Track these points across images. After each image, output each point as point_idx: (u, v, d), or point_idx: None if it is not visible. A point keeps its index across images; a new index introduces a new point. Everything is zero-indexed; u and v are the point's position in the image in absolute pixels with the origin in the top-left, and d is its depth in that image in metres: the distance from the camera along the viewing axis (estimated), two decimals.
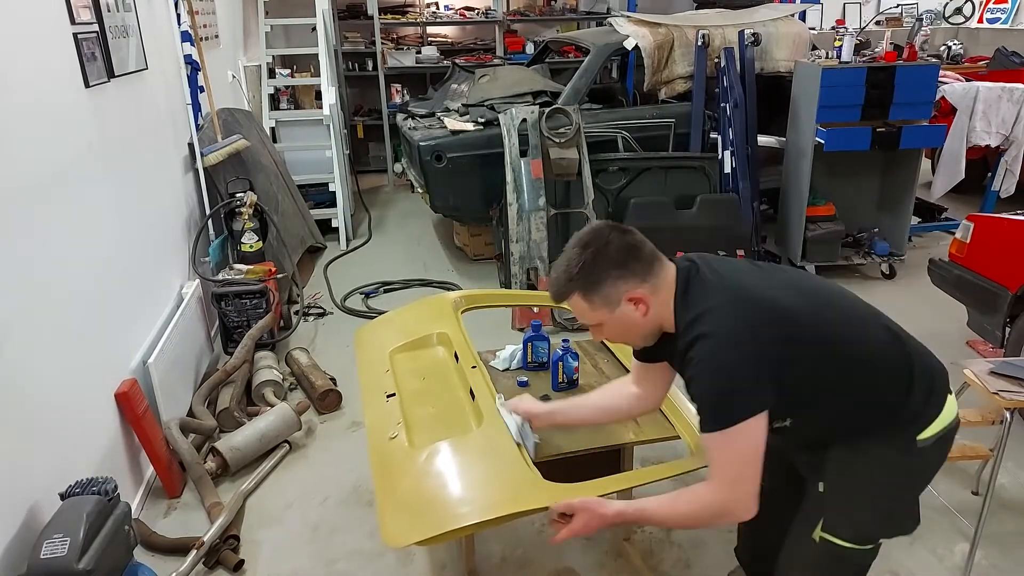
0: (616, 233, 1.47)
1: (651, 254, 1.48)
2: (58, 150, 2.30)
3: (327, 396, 3.20)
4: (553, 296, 1.51)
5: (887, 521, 1.55)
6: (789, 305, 1.43)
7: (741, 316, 1.38)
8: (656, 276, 1.46)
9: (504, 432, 1.78)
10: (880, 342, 1.48)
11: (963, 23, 7.25)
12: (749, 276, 1.50)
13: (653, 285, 1.45)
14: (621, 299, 1.44)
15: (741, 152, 4.29)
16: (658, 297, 1.46)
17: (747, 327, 1.37)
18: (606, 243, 1.44)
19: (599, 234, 1.46)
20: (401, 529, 1.58)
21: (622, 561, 2.32)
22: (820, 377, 1.44)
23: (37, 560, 1.71)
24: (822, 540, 1.53)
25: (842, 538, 1.51)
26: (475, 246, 4.96)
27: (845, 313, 1.50)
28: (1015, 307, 2.97)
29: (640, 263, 1.45)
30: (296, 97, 6.25)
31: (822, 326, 1.44)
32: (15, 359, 1.94)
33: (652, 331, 1.50)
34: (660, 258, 1.49)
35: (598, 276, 1.43)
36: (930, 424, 1.48)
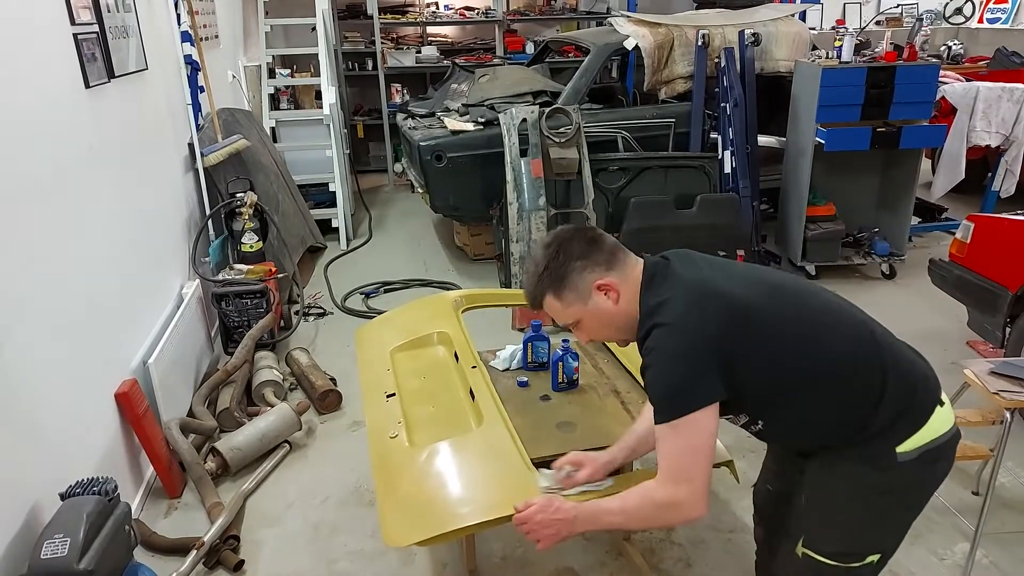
0: (576, 231, 1.51)
1: (613, 246, 1.50)
2: (58, 151, 2.30)
3: (327, 396, 3.20)
4: (529, 303, 1.53)
5: (868, 539, 1.46)
6: (750, 300, 1.40)
7: (696, 307, 1.37)
8: (621, 265, 1.48)
9: (504, 432, 1.79)
10: (850, 348, 1.41)
11: (963, 23, 7.25)
12: (716, 271, 1.47)
13: (620, 274, 1.47)
14: (591, 289, 1.46)
15: (741, 152, 4.29)
16: (626, 287, 1.47)
17: (700, 317, 1.36)
18: (567, 239, 1.48)
19: (559, 234, 1.51)
20: (402, 529, 1.58)
21: (622, 560, 2.32)
22: (781, 377, 1.40)
23: (37, 560, 1.72)
24: (804, 555, 1.49)
25: (822, 555, 1.46)
26: (475, 246, 4.96)
27: (815, 315, 1.44)
28: (1015, 307, 2.97)
29: (602, 253, 1.47)
30: (296, 97, 6.25)
31: (786, 325, 1.40)
32: (15, 359, 1.94)
33: (628, 322, 1.48)
34: (624, 251, 1.51)
35: (564, 270, 1.46)
36: (909, 437, 1.39)
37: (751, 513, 2.53)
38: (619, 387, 2.14)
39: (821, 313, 1.45)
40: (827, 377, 1.40)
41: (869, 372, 1.40)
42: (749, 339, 1.37)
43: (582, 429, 1.93)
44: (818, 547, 1.47)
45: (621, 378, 2.19)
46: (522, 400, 2.09)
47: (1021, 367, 2.18)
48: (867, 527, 1.45)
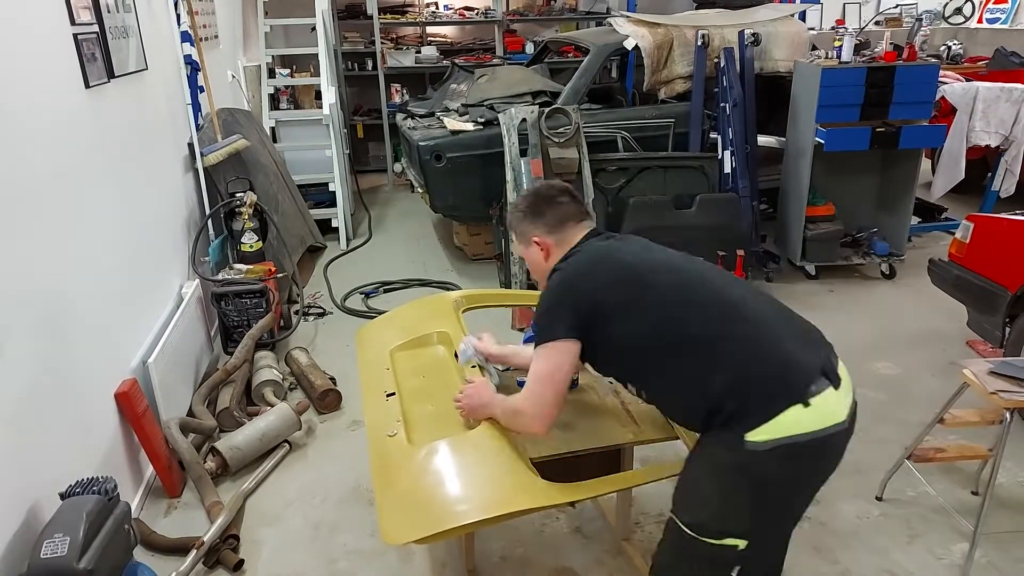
0: (548, 191, 1.85)
1: (567, 216, 1.79)
2: (58, 151, 2.30)
3: (327, 396, 3.20)
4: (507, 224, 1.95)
5: (722, 519, 1.50)
6: (643, 273, 1.62)
7: (589, 264, 1.67)
8: (563, 232, 1.79)
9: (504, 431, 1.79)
10: (712, 329, 1.53)
11: (963, 23, 7.25)
12: (629, 246, 1.73)
13: (558, 237, 1.78)
14: (530, 240, 1.82)
15: (740, 152, 4.29)
16: (557, 249, 1.78)
17: (588, 272, 1.65)
18: (534, 196, 1.85)
19: (538, 189, 1.89)
20: (401, 527, 1.58)
21: (621, 560, 2.33)
22: (646, 340, 1.57)
23: (37, 559, 1.72)
24: (670, 520, 1.60)
25: (681, 522, 1.55)
26: (475, 246, 4.96)
27: (693, 294, 1.60)
28: (1015, 307, 2.97)
29: (552, 218, 1.79)
30: (296, 97, 6.25)
31: (663, 295, 1.59)
32: (16, 359, 1.94)
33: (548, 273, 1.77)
34: (577, 223, 1.80)
35: (521, 219, 1.84)
36: (758, 427, 1.42)
37: None
38: (619, 387, 2.14)
39: (702, 294, 1.60)
40: (688, 353, 1.54)
41: (725, 354, 1.50)
42: (624, 299, 1.59)
43: (581, 429, 1.93)
44: (678, 514, 1.57)
45: None
46: None
47: (1020, 367, 2.18)
48: (721, 507, 1.51)
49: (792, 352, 1.51)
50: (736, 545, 1.49)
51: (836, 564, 2.30)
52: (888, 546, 2.37)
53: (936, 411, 2.38)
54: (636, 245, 1.74)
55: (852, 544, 2.38)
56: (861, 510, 2.54)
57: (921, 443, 2.45)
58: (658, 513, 2.53)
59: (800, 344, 1.55)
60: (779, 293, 4.35)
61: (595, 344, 1.63)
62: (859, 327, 3.91)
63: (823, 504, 2.56)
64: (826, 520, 2.49)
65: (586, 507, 2.56)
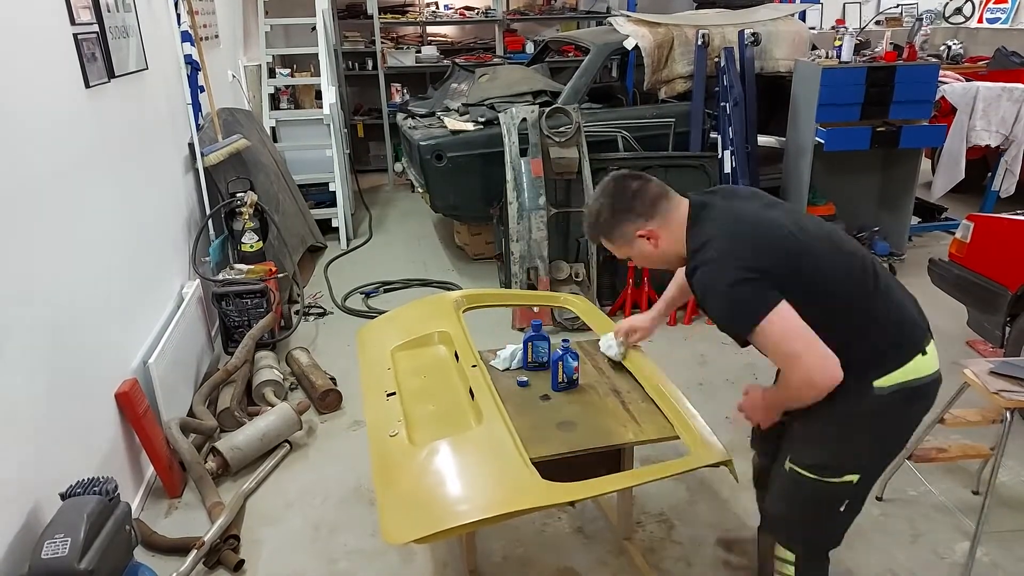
0: (622, 181, 1.74)
1: (656, 196, 1.71)
2: (58, 150, 2.30)
3: (327, 396, 3.20)
4: (589, 238, 1.87)
5: (840, 457, 1.66)
6: (796, 235, 1.59)
7: (731, 241, 1.58)
8: (664, 213, 1.70)
9: (504, 431, 1.79)
10: (854, 280, 1.60)
11: (963, 23, 7.25)
12: (755, 201, 1.70)
13: (661, 220, 1.70)
14: (633, 236, 1.72)
15: (741, 151, 4.29)
16: (669, 230, 1.70)
17: (747, 236, 1.58)
18: (611, 196, 1.73)
19: (606, 186, 1.75)
20: (402, 527, 1.58)
21: (623, 559, 2.33)
22: (810, 303, 1.54)
23: (38, 560, 1.72)
24: (790, 469, 1.72)
25: (803, 467, 1.68)
26: (475, 245, 4.96)
27: (832, 247, 1.63)
28: (1015, 307, 2.97)
29: (644, 205, 1.70)
30: (296, 97, 6.25)
31: (824, 265, 1.59)
32: (16, 359, 1.94)
33: (671, 258, 1.74)
34: (667, 198, 1.71)
35: (611, 222, 1.73)
36: (888, 373, 1.58)
37: (751, 513, 2.54)
38: (619, 387, 2.14)
39: (839, 244, 1.65)
40: (826, 298, 1.57)
41: (867, 304, 1.60)
42: (776, 256, 1.56)
43: (582, 429, 1.93)
44: (800, 460, 1.69)
45: (621, 378, 2.19)
46: (522, 400, 2.09)
47: (1021, 367, 2.18)
48: (843, 447, 1.66)
49: (911, 306, 1.67)
50: (852, 480, 1.66)
51: (839, 564, 2.29)
52: (891, 545, 2.37)
53: (937, 411, 2.38)
54: (757, 202, 1.71)
55: (855, 544, 2.38)
56: (862, 510, 2.53)
57: (922, 443, 2.45)
58: (659, 512, 2.53)
59: (909, 297, 1.69)
60: None
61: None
62: None
63: None
64: None
65: (587, 507, 2.56)
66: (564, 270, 4.12)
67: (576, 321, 3.83)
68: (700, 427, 1.85)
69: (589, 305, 2.61)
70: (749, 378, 3.42)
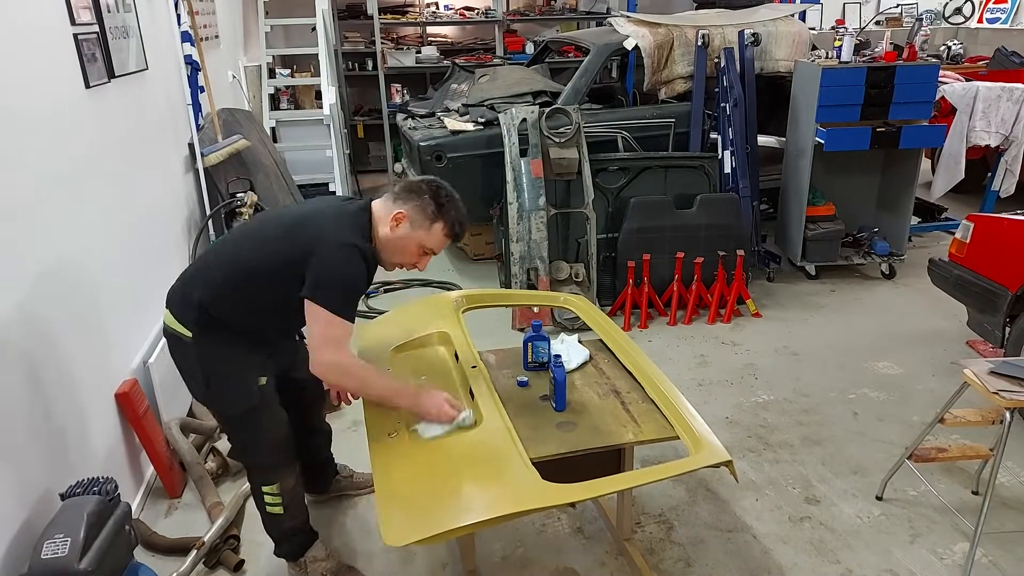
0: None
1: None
2: (59, 151, 2.30)
3: (327, 396, 3.19)
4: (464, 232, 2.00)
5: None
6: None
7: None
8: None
9: (504, 432, 1.79)
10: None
11: (963, 23, 7.25)
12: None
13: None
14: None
15: (741, 152, 4.30)
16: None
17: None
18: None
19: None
20: (401, 528, 1.58)
21: (623, 560, 2.33)
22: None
23: (38, 560, 1.72)
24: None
25: None
26: (475, 246, 4.96)
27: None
28: (1015, 307, 2.97)
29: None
30: (296, 97, 6.25)
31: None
32: (15, 359, 1.94)
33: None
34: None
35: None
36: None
37: (751, 513, 2.54)
38: (619, 387, 2.14)
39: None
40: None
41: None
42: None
43: (582, 429, 1.93)
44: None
45: (621, 378, 2.19)
46: (522, 400, 2.09)
47: (1021, 367, 2.18)
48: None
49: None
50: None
51: (837, 564, 2.30)
52: (890, 546, 2.37)
53: (936, 411, 2.38)
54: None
55: (853, 544, 2.38)
56: (862, 510, 2.54)
57: (922, 443, 2.45)
58: (658, 513, 2.53)
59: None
60: (780, 293, 4.35)
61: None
62: (859, 327, 3.91)
63: (824, 504, 2.56)
64: (827, 520, 2.49)
65: (587, 507, 2.56)
66: (564, 270, 4.12)
67: (576, 321, 3.83)
68: (700, 427, 1.85)
69: (589, 305, 2.61)
70: (749, 378, 3.43)
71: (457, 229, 1.93)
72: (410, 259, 1.94)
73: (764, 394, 3.29)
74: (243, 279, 1.87)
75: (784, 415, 3.12)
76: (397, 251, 1.91)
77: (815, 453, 2.86)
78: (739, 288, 4.07)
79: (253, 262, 1.86)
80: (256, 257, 1.87)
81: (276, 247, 1.84)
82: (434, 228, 1.89)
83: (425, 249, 1.93)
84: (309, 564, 2.23)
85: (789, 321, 3.97)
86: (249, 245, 1.92)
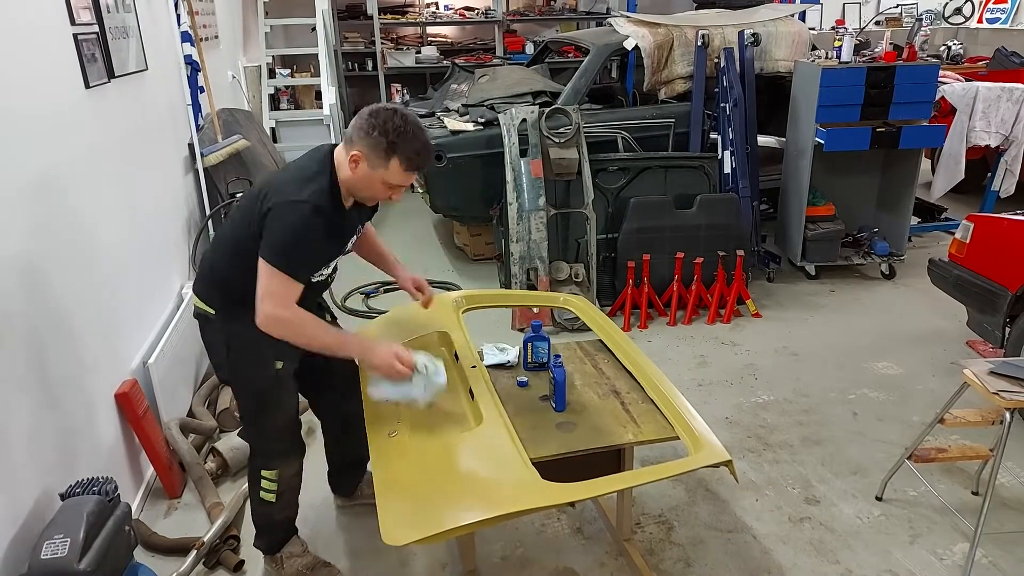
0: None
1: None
2: (58, 151, 2.30)
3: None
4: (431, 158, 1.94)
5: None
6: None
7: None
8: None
9: (504, 432, 1.79)
10: None
11: (963, 23, 7.25)
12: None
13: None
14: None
15: (741, 152, 4.30)
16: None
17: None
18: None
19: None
20: (401, 528, 1.58)
21: (622, 560, 2.33)
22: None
23: (38, 560, 1.72)
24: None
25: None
26: (475, 246, 4.96)
27: None
28: (1015, 307, 2.97)
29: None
30: (296, 97, 6.25)
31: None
32: (16, 359, 1.94)
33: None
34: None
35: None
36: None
37: (751, 513, 2.54)
38: (619, 387, 2.14)
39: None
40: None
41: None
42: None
43: (582, 429, 1.93)
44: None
45: (621, 378, 2.19)
46: (522, 400, 2.09)
47: (1021, 367, 2.18)
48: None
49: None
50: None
51: (837, 564, 2.30)
52: (889, 546, 2.37)
53: (936, 411, 2.38)
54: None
55: (853, 544, 2.38)
56: (862, 510, 2.54)
57: (922, 443, 2.45)
58: (658, 513, 2.53)
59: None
60: (780, 293, 4.35)
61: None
62: (859, 327, 3.91)
63: (823, 504, 2.56)
64: (827, 520, 2.49)
65: (587, 507, 2.56)
66: (564, 270, 4.12)
67: (576, 321, 3.83)
68: (700, 427, 1.85)
69: (589, 305, 2.61)
70: (749, 378, 3.42)
71: (417, 161, 1.83)
72: (380, 194, 1.91)
73: (764, 394, 3.29)
74: (232, 253, 1.93)
75: (784, 415, 3.12)
76: (365, 189, 1.89)
77: (815, 453, 2.86)
78: (739, 288, 4.07)
79: (236, 235, 1.92)
80: (235, 230, 1.94)
81: (246, 217, 1.88)
82: (391, 165, 1.81)
83: (390, 184, 1.86)
84: (285, 560, 2.25)
85: (789, 321, 3.97)
86: (232, 220, 2.00)
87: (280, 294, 1.79)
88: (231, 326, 1.98)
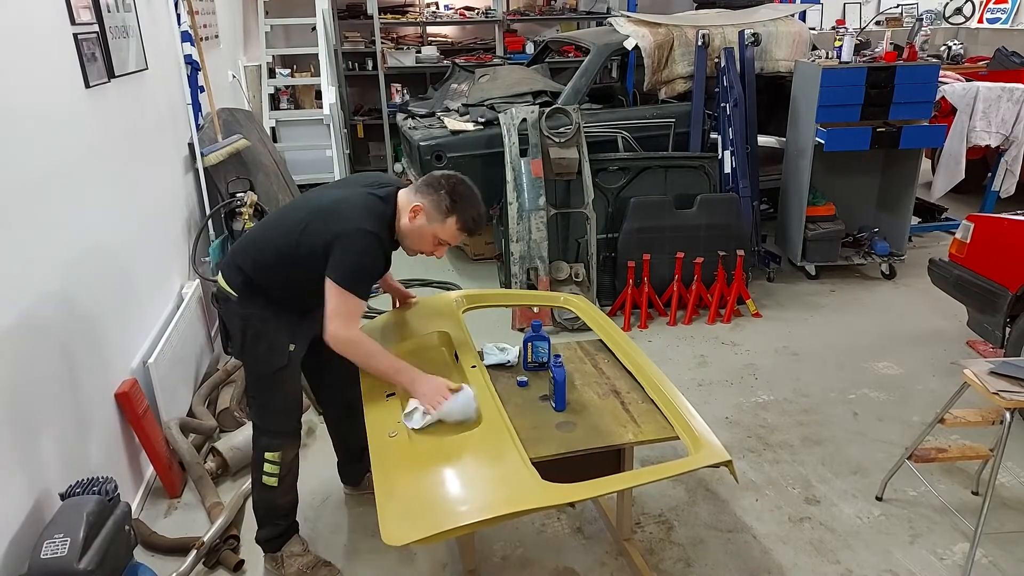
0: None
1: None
2: (58, 150, 2.30)
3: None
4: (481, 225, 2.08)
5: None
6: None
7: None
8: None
9: (504, 432, 1.79)
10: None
11: (963, 23, 7.25)
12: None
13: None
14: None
15: (741, 152, 4.30)
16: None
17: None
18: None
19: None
20: (402, 528, 1.58)
21: (622, 560, 2.33)
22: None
23: (37, 560, 1.72)
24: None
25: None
26: (475, 246, 4.96)
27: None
28: (1015, 307, 2.97)
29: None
30: (296, 97, 6.25)
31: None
32: (16, 359, 1.94)
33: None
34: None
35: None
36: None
37: (751, 513, 2.54)
38: (619, 387, 2.14)
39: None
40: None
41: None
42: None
43: (582, 429, 1.93)
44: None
45: (621, 378, 2.19)
46: (522, 400, 2.09)
47: (1021, 367, 2.18)
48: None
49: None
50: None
51: (837, 564, 2.30)
52: (889, 546, 2.37)
53: (936, 411, 2.38)
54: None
55: (853, 544, 2.38)
56: (862, 510, 2.54)
57: (922, 443, 2.45)
58: (658, 513, 2.53)
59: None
60: (780, 293, 4.35)
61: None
62: (860, 327, 3.91)
63: (823, 504, 2.56)
64: (827, 520, 2.49)
65: (587, 507, 2.56)
66: (564, 270, 4.12)
67: (576, 321, 3.83)
68: (700, 427, 1.85)
69: (589, 305, 2.61)
70: (749, 378, 3.43)
71: (471, 225, 2.03)
72: (427, 248, 2.07)
73: (764, 394, 3.29)
74: (280, 259, 2.04)
75: (784, 415, 3.12)
76: (415, 240, 2.06)
77: (815, 453, 2.86)
78: (739, 288, 4.07)
79: (291, 245, 2.01)
80: (280, 237, 2.05)
81: (310, 233, 1.98)
82: (447, 223, 2.00)
83: (440, 240, 2.04)
84: (286, 559, 2.28)
85: (789, 321, 3.97)
86: (276, 226, 2.10)
87: (347, 313, 1.95)
88: (247, 310, 2.11)
